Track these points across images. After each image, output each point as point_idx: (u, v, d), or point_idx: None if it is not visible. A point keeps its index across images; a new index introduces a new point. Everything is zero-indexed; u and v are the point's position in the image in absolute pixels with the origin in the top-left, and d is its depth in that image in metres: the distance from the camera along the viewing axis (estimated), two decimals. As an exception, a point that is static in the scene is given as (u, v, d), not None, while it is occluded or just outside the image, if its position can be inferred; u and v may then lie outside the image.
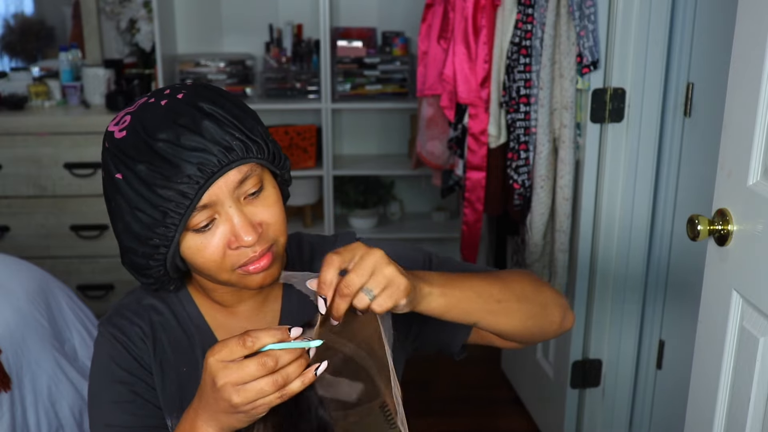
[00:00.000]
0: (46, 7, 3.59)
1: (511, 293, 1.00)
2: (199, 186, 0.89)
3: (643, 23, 1.97)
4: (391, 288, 0.85)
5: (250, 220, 0.93)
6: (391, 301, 0.85)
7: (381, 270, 0.85)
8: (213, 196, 0.91)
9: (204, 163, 0.89)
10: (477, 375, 2.94)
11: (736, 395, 1.28)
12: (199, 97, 0.93)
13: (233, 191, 0.92)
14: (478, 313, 0.97)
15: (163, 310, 1.08)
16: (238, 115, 0.94)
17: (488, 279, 1.00)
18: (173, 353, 1.06)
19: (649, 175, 2.11)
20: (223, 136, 0.90)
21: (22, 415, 1.85)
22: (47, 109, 3.27)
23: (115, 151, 0.92)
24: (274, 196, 0.97)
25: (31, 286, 2.06)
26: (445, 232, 3.46)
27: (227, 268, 0.95)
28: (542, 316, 1.05)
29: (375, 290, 0.84)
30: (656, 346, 2.23)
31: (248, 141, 0.92)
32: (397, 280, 0.85)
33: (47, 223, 3.12)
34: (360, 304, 0.85)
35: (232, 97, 0.97)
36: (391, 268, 0.85)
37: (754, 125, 1.18)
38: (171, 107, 0.92)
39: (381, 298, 0.85)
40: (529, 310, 1.03)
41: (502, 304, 0.99)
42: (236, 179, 0.92)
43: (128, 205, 0.91)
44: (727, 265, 1.28)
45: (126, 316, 1.07)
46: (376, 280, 0.84)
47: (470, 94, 2.33)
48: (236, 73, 3.32)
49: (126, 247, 0.95)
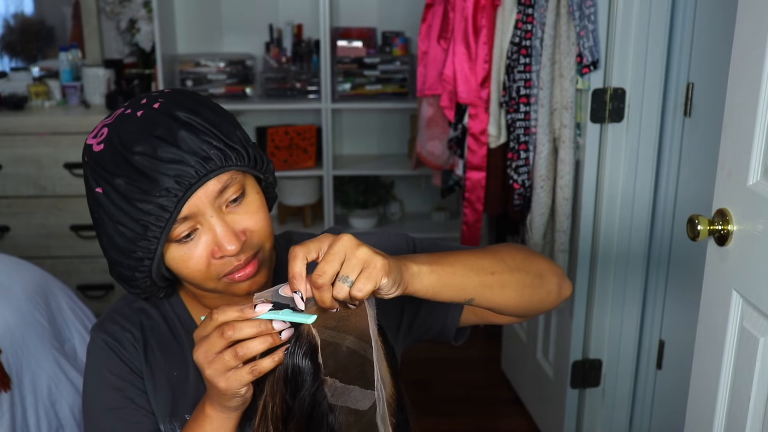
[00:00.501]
0: (46, 7, 3.59)
1: (504, 264, 0.96)
2: (178, 199, 0.88)
3: (643, 23, 1.97)
4: (368, 269, 0.81)
5: (233, 228, 0.92)
6: (371, 283, 0.80)
7: (353, 253, 0.81)
8: (193, 207, 0.90)
9: (181, 176, 0.88)
10: (477, 375, 2.94)
11: (736, 395, 1.28)
12: (176, 105, 0.92)
13: (214, 201, 0.91)
14: (472, 288, 0.92)
15: (153, 315, 1.08)
16: (215, 121, 0.92)
17: (478, 253, 0.96)
18: (164, 358, 1.06)
19: (649, 175, 2.11)
20: (201, 145, 0.89)
21: (22, 415, 1.85)
22: (47, 109, 3.27)
23: (93, 165, 0.91)
24: (257, 201, 0.96)
25: (31, 286, 2.06)
26: (445, 232, 3.46)
27: (213, 276, 0.94)
28: (538, 285, 1.01)
29: (351, 275, 0.80)
30: (656, 346, 2.23)
31: (226, 149, 0.91)
32: (372, 260, 0.81)
33: (47, 223, 3.12)
34: (340, 294, 0.81)
35: (210, 103, 0.96)
36: (363, 249, 0.81)
37: (754, 125, 1.18)
38: (147, 118, 0.90)
39: (360, 281, 0.80)
40: (525, 280, 0.99)
41: (496, 276, 0.95)
42: (216, 189, 0.91)
43: (110, 219, 0.91)
44: (727, 265, 1.28)
45: (117, 322, 1.07)
46: (350, 264, 0.80)
47: (470, 94, 2.33)
48: (236, 73, 3.32)
49: (112, 260, 0.95)
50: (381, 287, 0.82)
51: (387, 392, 0.85)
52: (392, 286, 0.83)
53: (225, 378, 0.85)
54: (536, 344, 2.55)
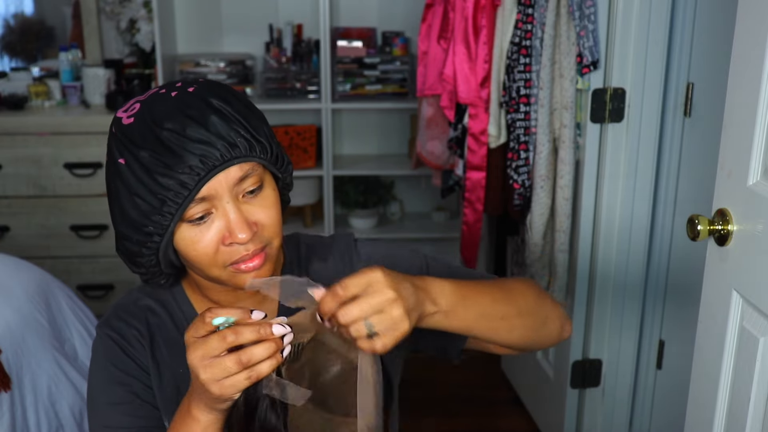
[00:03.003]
0: (46, 7, 3.58)
1: (515, 308, 1.00)
2: (200, 178, 0.90)
3: (643, 23, 1.97)
4: (395, 330, 0.83)
5: (246, 218, 0.93)
6: (392, 343, 0.83)
7: (389, 311, 0.83)
8: (212, 189, 0.91)
9: (206, 156, 0.90)
10: (477, 375, 2.94)
11: (736, 395, 1.28)
12: (210, 92, 0.94)
13: (233, 187, 0.93)
14: (478, 331, 0.97)
15: (159, 312, 1.08)
16: (245, 113, 0.95)
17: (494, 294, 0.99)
18: (170, 354, 1.07)
19: (649, 175, 2.11)
20: (229, 132, 0.91)
21: (22, 415, 1.85)
22: (47, 109, 3.27)
23: (120, 136, 0.93)
24: (273, 197, 0.97)
25: (31, 286, 2.06)
26: (445, 232, 3.46)
27: (219, 264, 0.95)
28: (542, 329, 1.05)
29: (377, 328, 0.82)
30: (656, 346, 2.23)
31: (252, 140, 0.93)
32: (402, 325, 0.83)
33: (47, 223, 3.12)
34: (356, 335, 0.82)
35: (241, 96, 0.98)
36: (401, 311, 0.83)
37: (754, 125, 1.18)
38: (181, 99, 0.93)
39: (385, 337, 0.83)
40: (530, 324, 1.03)
41: (505, 321, 0.98)
42: (237, 176, 0.92)
43: (128, 190, 0.92)
44: (727, 265, 1.28)
45: (123, 318, 1.07)
46: (382, 320, 0.83)
47: (470, 94, 2.33)
48: (236, 73, 3.32)
49: (121, 233, 0.96)
50: None
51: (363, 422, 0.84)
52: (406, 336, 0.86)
53: (220, 384, 0.84)
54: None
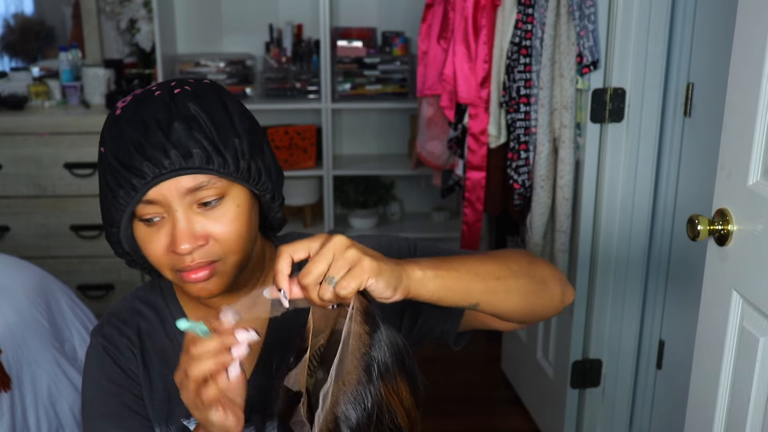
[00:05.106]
0: (46, 7, 3.58)
1: (509, 269, 0.95)
2: (146, 182, 0.90)
3: (643, 23, 1.97)
4: (354, 269, 0.80)
5: (193, 229, 0.92)
6: (354, 282, 0.79)
7: (341, 254, 0.80)
8: (159, 195, 0.91)
9: (156, 162, 0.89)
10: (477, 375, 2.94)
11: (737, 395, 1.28)
12: (194, 96, 0.93)
13: (184, 196, 0.91)
14: (477, 293, 0.91)
15: (150, 317, 1.08)
16: (222, 125, 0.92)
17: (482, 257, 0.95)
18: (161, 362, 1.07)
19: (649, 175, 2.11)
20: (188, 141, 0.90)
21: (22, 415, 1.85)
22: (47, 109, 3.27)
23: (106, 124, 0.95)
24: (233, 213, 0.94)
25: (31, 286, 2.06)
26: (445, 232, 3.46)
27: (168, 267, 0.95)
28: (542, 291, 1.00)
29: (337, 276, 0.79)
30: (656, 346, 2.23)
31: (214, 152, 0.91)
32: (360, 261, 0.80)
33: (47, 223, 3.12)
34: (326, 295, 0.80)
35: (233, 106, 0.96)
36: (352, 250, 0.80)
37: (754, 125, 1.18)
38: (161, 100, 0.92)
39: (344, 280, 0.79)
40: (529, 286, 0.98)
41: (501, 281, 0.93)
42: (188, 185, 0.91)
43: (102, 177, 0.95)
44: (727, 265, 1.28)
45: (115, 326, 1.08)
46: (337, 264, 0.80)
47: (470, 94, 2.33)
48: (236, 73, 3.32)
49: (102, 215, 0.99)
50: (372, 289, 0.81)
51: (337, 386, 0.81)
52: (387, 289, 0.82)
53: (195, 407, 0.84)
54: (536, 344, 2.55)
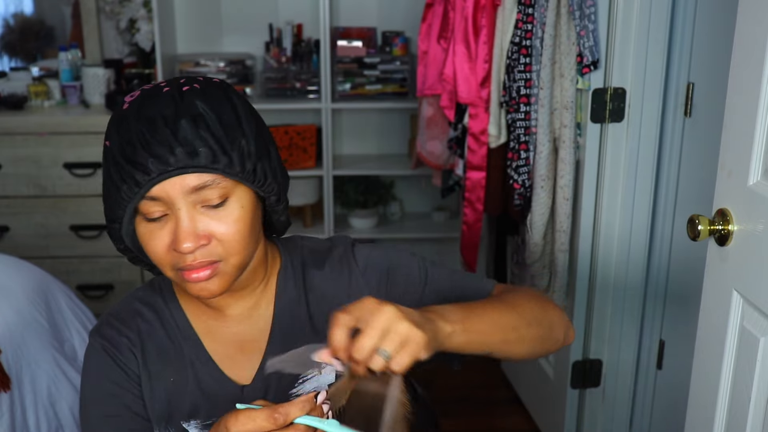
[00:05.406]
0: (46, 6, 3.58)
1: (524, 320, 1.00)
2: (150, 178, 0.90)
3: (643, 23, 1.97)
4: (408, 345, 0.81)
5: (196, 228, 0.92)
6: (409, 358, 0.81)
7: (395, 328, 0.81)
8: (163, 192, 0.91)
9: (162, 159, 0.89)
10: (477, 375, 2.94)
11: (737, 395, 1.28)
12: (203, 94, 0.93)
13: (188, 195, 0.91)
14: (495, 345, 0.96)
15: (150, 318, 1.07)
16: (228, 124, 0.92)
17: (501, 306, 0.99)
18: (161, 363, 1.06)
19: (649, 175, 2.11)
20: (195, 139, 0.89)
21: (21, 415, 1.85)
22: (47, 109, 3.27)
23: (113, 119, 0.95)
24: (237, 214, 0.94)
25: (31, 286, 2.06)
26: (445, 232, 3.46)
27: (169, 265, 0.95)
28: (549, 337, 1.05)
29: (390, 350, 0.81)
30: (656, 346, 2.23)
31: (220, 152, 0.91)
32: (414, 337, 0.81)
33: (47, 223, 3.12)
34: (376, 366, 0.81)
35: (241, 106, 0.96)
36: (406, 324, 0.81)
37: (755, 125, 1.18)
38: (169, 96, 0.92)
39: (399, 356, 0.81)
40: (538, 333, 1.02)
41: (516, 331, 0.98)
42: (193, 184, 0.91)
43: (106, 170, 0.94)
44: (727, 265, 1.28)
45: (115, 326, 1.07)
46: (391, 339, 0.81)
47: (470, 93, 2.33)
48: (236, 73, 3.32)
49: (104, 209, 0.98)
50: None
51: None
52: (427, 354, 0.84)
53: None
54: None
